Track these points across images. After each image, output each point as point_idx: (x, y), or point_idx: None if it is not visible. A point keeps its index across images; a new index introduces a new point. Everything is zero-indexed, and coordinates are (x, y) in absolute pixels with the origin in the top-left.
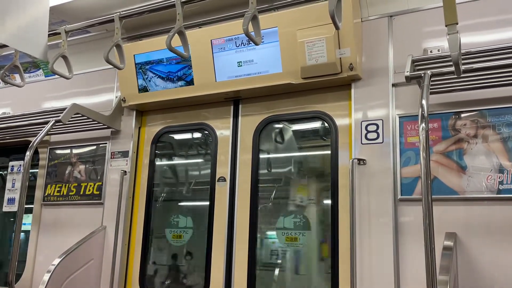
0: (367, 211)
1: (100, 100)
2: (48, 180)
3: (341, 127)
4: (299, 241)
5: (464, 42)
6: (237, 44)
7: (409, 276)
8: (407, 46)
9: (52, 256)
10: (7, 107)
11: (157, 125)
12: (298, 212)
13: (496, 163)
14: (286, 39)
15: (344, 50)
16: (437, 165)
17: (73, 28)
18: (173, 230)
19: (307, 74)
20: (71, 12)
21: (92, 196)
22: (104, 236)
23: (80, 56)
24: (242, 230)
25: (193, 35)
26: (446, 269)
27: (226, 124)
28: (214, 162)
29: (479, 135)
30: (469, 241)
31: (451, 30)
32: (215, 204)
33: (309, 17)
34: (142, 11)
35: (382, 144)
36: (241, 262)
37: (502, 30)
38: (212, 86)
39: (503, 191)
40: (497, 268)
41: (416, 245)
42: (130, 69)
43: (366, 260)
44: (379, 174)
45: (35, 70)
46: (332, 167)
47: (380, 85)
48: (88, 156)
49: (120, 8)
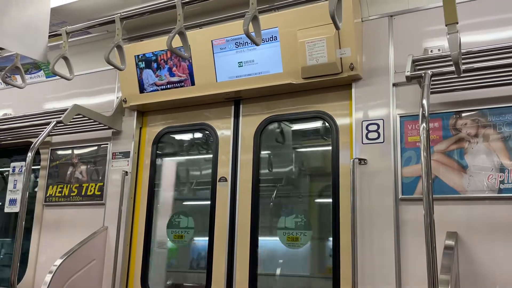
0: (368, 211)
1: (101, 101)
2: (50, 181)
3: (342, 127)
4: (300, 241)
5: (465, 42)
6: (237, 45)
7: (411, 276)
8: (407, 46)
9: (54, 256)
10: (8, 108)
11: (158, 125)
12: (300, 212)
13: (497, 163)
14: (287, 39)
15: (344, 50)
16: (438, 165)
17: (74, 29)
18: (175, 231)
19: (307, 74)
20: (72, 13)
21: (94, 197)
22: (105, 236)
23: (81, 57)
24: (244, 230)
25: (193, 35)
26: (447, 268)
27: (227, 124)
28: (215, 162)
29: (480, 134)
30: (470, 241)
31: (451, 30)
32: (216, 204)
33: (309, 17)
34: (142, 12)
35: (383, 144)
36: (243, 262)
37: (502, 30)
38: (213, 86)
39: (504, 191)
40: (498, 267)
41: (417, 244)
42: (131, 70)
43: (368, 260)
44: (380, 173)
45: (36, 71)
46: (333, 167)
47: (380, 85)
48: (90, 156)
49: (121, 9)
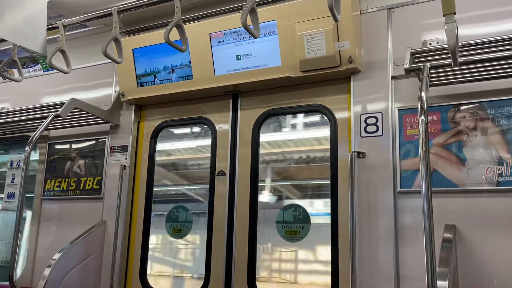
0: (366, 204)
1: (99, 94)
2: (48, 175)
3: (341, 120)
4: (299, 235)
5: (463, 34)
6: (235, 38)
7: (409, 268)
8: (406, 39)
9: (52, 251)
10: (5, 102)
11: (156, 119)
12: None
13: (495, 155)
14: (285, 32)
15: (343, 43)
16: (437, 158)
17: (71, 22)
18: (173, 224)
19: (306, 67)
20: (69, 6)
21: (92, 191)
22: (104, 231)
23: (78, 51)
24: (242, 224)
25: (191, 28)
26: (445, 261)
27: (225, 118)
28: (214, 156)
29: (478, 127)
30: (468, 233)
31: (449, 20)
32: (214, 198)
33: (307, 10)
34: (140, 4)
35: (381, 137)
36: (241, 256)
37: (501, 22)
38: (211, 80)
39: (503, 183)
40: (497, 259)
41: (416, 237)
42: (129, 63)
43: (366, 252)
44: (379, 167)
45: (33, 65)
46: (331, 160)
47: (379, 78)
48: (88, 150)
49: (118, 2)
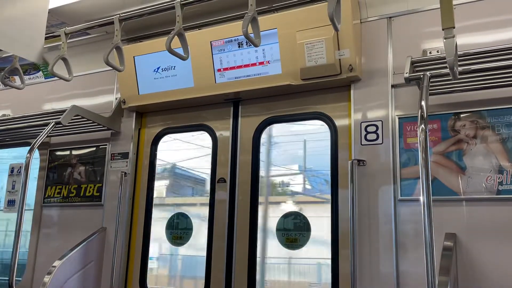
0: (367, 212)
1: (100, 101)
2: (48, 181)
3: (341, 128)
4: (299, 242)
5: (463, 43)
6: (236, 46)
7: (409, 277)
8: (406, 47)
9: (52, 258)
10: (7, 109)
11: (157, 126)
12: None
13: (495, 164)
14: (286, 40)
15: (343, 51)
16: (437, 166)
17: (73, 30)
18: (173, 231)
19: (306, 75)
20: (71, 14)
21: (92, 198)
22: (104, 237)
23: (80, 58)
24: (243, 231)
25: (192, 36)
26: (446, 270)
27: (226, 125)
28: (214, 163)
29: (478, 135)
30: (469, 242)
31: (448, 34)
32: (215, 205)
33: (308, 19)
34: (141, 13)
35: (381, 145)
36: (242, 263)
37: (500, 31)
38: (212, 87)
39: (503, 192)
40: (497, 268)
41: (416, 245)
42: (130, 70)
43: (366, 261)
44: (379, 175)
45: (35, 72)
46: (332, 168)
47: (379, 86)
48: (88, 157)
49: (120, 10)
